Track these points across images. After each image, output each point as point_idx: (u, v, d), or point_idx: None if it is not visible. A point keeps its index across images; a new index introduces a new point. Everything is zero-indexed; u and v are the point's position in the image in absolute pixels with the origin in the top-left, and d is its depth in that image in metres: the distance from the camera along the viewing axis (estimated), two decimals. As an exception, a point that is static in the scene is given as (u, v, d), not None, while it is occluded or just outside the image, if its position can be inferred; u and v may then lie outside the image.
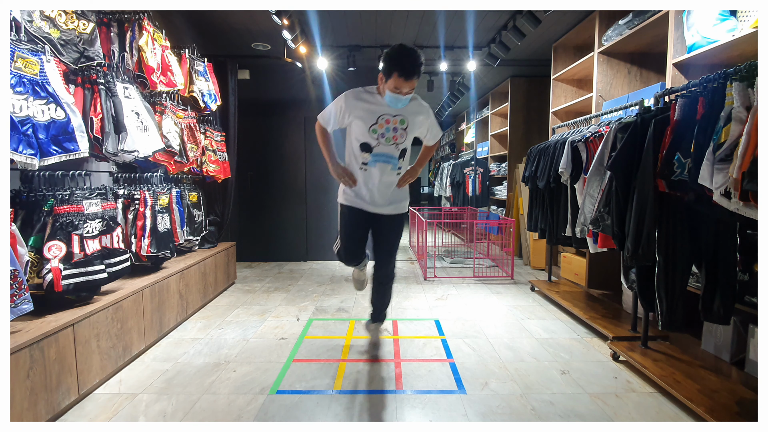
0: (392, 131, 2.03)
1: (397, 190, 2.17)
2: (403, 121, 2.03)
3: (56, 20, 1.91)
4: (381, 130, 2.01)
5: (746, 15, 2.02)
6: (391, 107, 1.99)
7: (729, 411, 1.63)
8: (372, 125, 2.01)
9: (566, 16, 3.51)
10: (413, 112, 2.05)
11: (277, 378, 2.07)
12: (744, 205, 1.42)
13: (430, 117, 2.13)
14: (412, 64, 1.83)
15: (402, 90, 1.88)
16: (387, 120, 2.01)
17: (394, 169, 2.10)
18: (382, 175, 2.09)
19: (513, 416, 1.74)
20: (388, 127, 2.02)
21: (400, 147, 2.07)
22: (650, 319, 2.29)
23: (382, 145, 2.04)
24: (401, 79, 1.84)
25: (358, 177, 2.12)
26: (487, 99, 6.41)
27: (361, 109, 2.01)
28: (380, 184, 2.10)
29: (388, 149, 2.05)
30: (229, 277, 3.81)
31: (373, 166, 2.07)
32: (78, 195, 1.98)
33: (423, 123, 2.11)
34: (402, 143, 2.07)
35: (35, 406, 1.57)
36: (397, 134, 2.04)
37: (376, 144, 2.03)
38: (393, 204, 2.18)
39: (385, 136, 2.02)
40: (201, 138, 3.26)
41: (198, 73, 3.19)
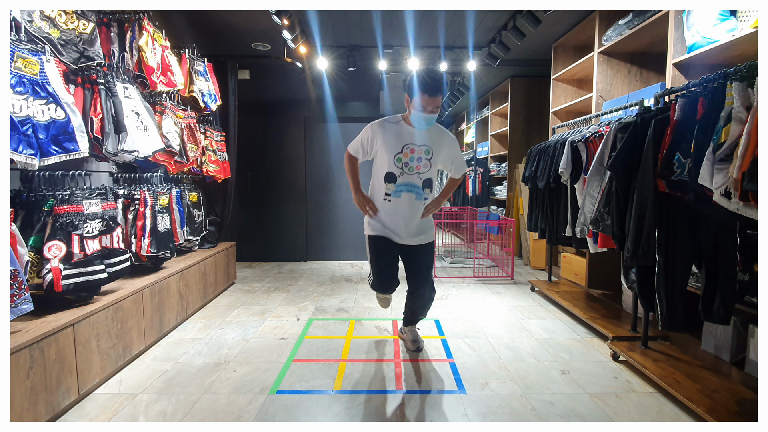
0: (416, 161, 2.04)
1: (422, 220, 2.15)
2: (428, 151, 2.05)
3: (56, 20, 1.91)
4: (405, 159, 2.03)
5: (746, 15, 2.02)
6: (417, 130, 2.03)
7: (729, 411, 1.63)
8: (397, 154, 2.03)
9: (566, 16, 3.51)
10: (438, 142, 2.07)
11: (277, 378, 2.07)
12: (744, 205, 1.42)
13: (454, 149, 2.14)
14: (436, 81, 1.90)
15: (427, 108, 1.92)
16: (412, 149, 2.03)
17: (419, 199, 2.09)
18: (408, 206, 2.08)
19: (513, 416, 1.74)
20: (413, 156, 2.03)
21: (423, 177, 2.07)
22: (650, 319, 2.29)
23: (406, 174, 2.05)
24: (425, 95, 1.89)
25: (382, 208, 2.12)
26: (487, 99, 6.41)
27: (387, 138, 2.05)
28: (405, 215, 2.09)
29: (411, 179, 2.05)
30: (229, 277, 3.81)
31: (398, 197, 2.07)
32: (78, 195, 1.98)
33: (447, 154, 2.12)
34: (425, 173, 2.07)
35: (35, 406, 1.57)
36: (421, 164, 2.04)
37: (400, 174, 2.04)
38: (421, 235, 2.16)
39: (409, 165, 2.04)
40: (201, 138, 3.26)
41: (198, 73, 3.19)
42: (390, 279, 2.19)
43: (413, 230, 2.13)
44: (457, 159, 2.18)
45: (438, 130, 2.10)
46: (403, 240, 2.13)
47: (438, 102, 1.94)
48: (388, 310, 3.13)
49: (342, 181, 5.01)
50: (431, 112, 1.94)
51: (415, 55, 4.36)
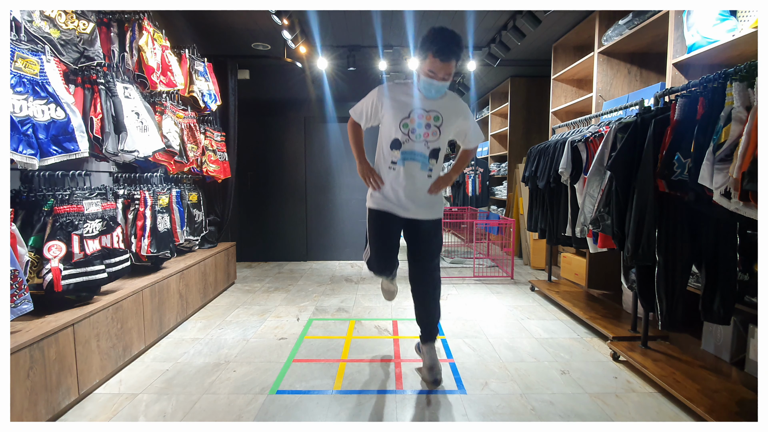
0: (424, 127, 1.86)
1: (430, 195, 1.97)
2: (438, 117, 1.86)
3: (56, 20, 1.91)
4: (412, 125, 1.86)
5: (746, 15, 2.02)
6: (426, 97, 1.85)
7: (729, 411, 1.63)
8: (403, 119, 1.86)
9: (566, 16, 3.50)
10: (450, 109, 1.89)
11: (277, 378, 2.07)
12: (744, 205, 1.42)
13: (469, 118, 1.98)
14: (449, 43, 1.68)
15: (437, 74, 1.73)
16: (420, 115, 1.86)
17: (425, 170, 1.91)
18: (412, 176, 1.91)
19: (513, 416, 1.74)
20: (420, 122, 1.85)
21: (431, 146, 1.89)
22: (650, 319, 2.29)
23: (412, 141, 1.87)
24: (437, 59, 1.69)
25: (386, 178, 1.94)
26: (487, 99, 6.41)
27: (394, 101, 1.88)
28: (409, 186, 1.91)
29: (418, 147, 1.88)
30: (229, 277, 3.81)
31: (402, 165, 1.90)
32: (78, 195, 1.98)
33: (461, 124, 1.96)
34: (434, 142, 1.89)
35: (35, 406, 1.57)
36: (429, 131, 1.87)
37: (406, 140, 1.87)
38: (426, 207, 1.96)
39: (416, 132, 1.86)
40: (201, 138, 3.26)
41: (198, 73, 3.19)
42: (389, 255, 2.03)
43: (419, 202, 1.94)
44: (471, 128, 2.00)
45: (450, 96, 1.92)
46: (408, 213, 1.94)
47: (450, 68, 1.73)
48: (388, 310, 3.13)
49: (342, 181, 5.01)
50: (442, 79, 1.75)
51: (415, 55, 4.36)
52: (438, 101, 1.87)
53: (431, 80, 1.76)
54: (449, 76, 1.76)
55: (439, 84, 1.77)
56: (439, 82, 1.76)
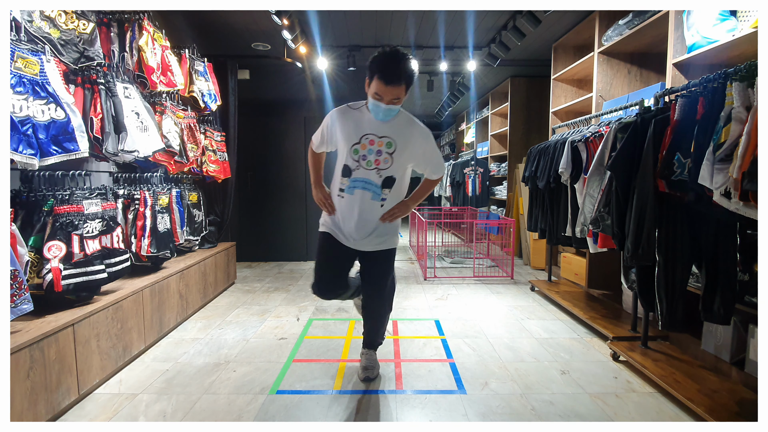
0: (375, 154, 1.76)
1: (380, 224, 1.86)
2: (391, 144, 1.76)
3: (56, 20, 1.91)
4: (363, 151, 1.77)
5: (746, 15, 2.02)
6: (375, 120, 1.76)
7: (729, 411, 1.63)
8: (354, 144, 1.77)
9: (566, 16, 3.50)
10: (405, 135, 1.78)
11: (277, 378, 2.07)
12: (744, 205, 1.42)
13: (428, 145, 1.84)
14: (396, 67, 1.59)
15: (383, 98, 1.65)
16: (371, 141, 1.76)
17: (376, 200, 1.80)
18: (361, 206, 1.80)
19: (513, 416, 1.74)
20: (372, 149, 1.76)
21: (383, 174, 1.78)
22: (650, 319, 2.29)
23: (363, 169, 1.78)
24: (381, 83, 1.61)
25: (336, 205, 1.89)
26: (487, 99, 6.41)
27: (346, 127, 1.80)
28: (358, 217, 1.81)
29: (367, 174, 1.78)
30: (229, 277, 3.81)
31: (351, 194, 1.81)
32: (78, 195, 1.98)
33: (417, 151, 1.82)
34: (385, 170, 1.78)
35: (35, 406, 1.57)
36: (380, 158, 1.76)
37: (356, 167, 1.78)
38: (375, 239, 1.86)
39: (367, 159, 1.77)
40: (201, 138, 3.26)
41: (198, 73, 3.19)
42: (330, 280, 1.94)
43: (365, 233, 1.85)
44: (431, 156, 1.87)
45: (406, 121, 1.81)
46: (352, 243, 1.87)
47: (398, 93, 1.63)
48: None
49: (342, 181, 5.00)
50: (390, 103, 1.66)
51: (415, 55, 4.36)
52: (392, 126, 1.77)
53: (378, 103, 1.68)
54: (398, 101, 1.67)
55: (386, 108, 1.68)
56: (386, 106, 1.67)
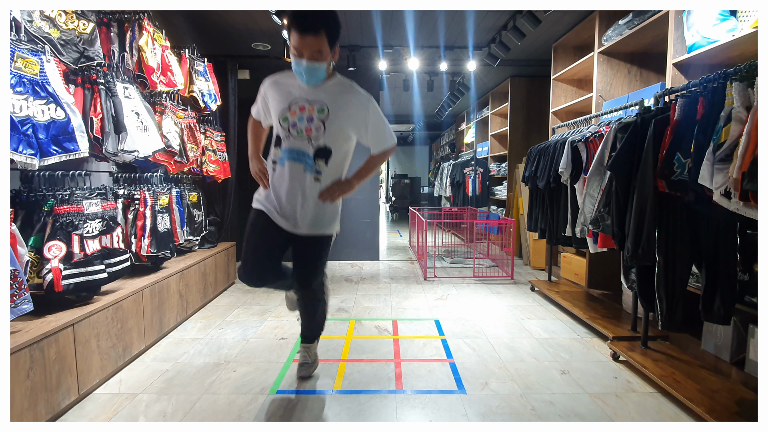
0: (306, 121, 1.60)
1: (321, 205, 1.70)
2: (322, 109, 1.60)
3: (56, 20, 1.91)
4: (293, 118, 1.61)
5: (746, 15, 2.02)
6: (308, 86, 1.61)
7: (729, 411, 1.63)
8: (283, 110, 1.63)
9: (566, 16, 3.50)
10: (340, 100, 1.62)
11: (277, 378, 2.07)
12: (744, 205, 1.42)
13: (369, 110, 1.65)
14: (311, 13, 1.47)
15: (302, 52, 1.49)
16: (302, 107, 1.61)
17: (309, 172, 1.65)
18: (292, 178, 1.65)
19: (513, 416, 1.74)
20: (302, 115, 1.61)
21: (315, 144, 1.62)
22: (650, 319, 2.29)
23: (293, 138, 1.62)
24: (296, 34, 1.46)
25: (270, 178, 1.72)
26: (487, 99, 6.41)
27: (277, 92, 1.65)
28: (289, 190, 1.67)
29: (299, 144, 1.62)
30: (229, 277, 3.81)
31: (282, 165, 1.66)
32: (78, 195, 1.98)
33: (356, 117, 1.64)
34: (318, 138, 1.62)
35: (35, 406, 1.57)
36: (312, 126, 1.60)
37: (286, 136, 1.63)
38: (310, 222, 1.71)
39: (297, 126, 1.61)
40: (201, 138, 3.26)
41: (198, 73, 3.19)
42: (256, 265, 1.74)
43: (301, 212, 1.69)
44: (374, 125, 1.66)
45: (343, 84, 1.66)
46: (288, 225, 1.71)
47: (317, 45, 1.48)
48: (388, 310, 3.13)
49: (342, 181, 5.00)
50: (310, 58, 1.50)
51: (415, 55, 4.36)
52: (326, 90, 1.63)
53: (299, 61, 1.51)
54: (320, 55, 1.50)
55: (308, 65, 1.51)
56: (307, 62, 1.51)
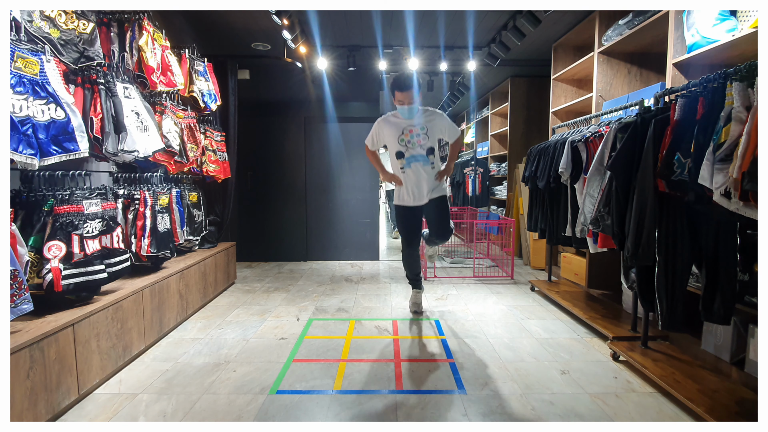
0: (416, 137, 2.67)
1: (436, 182, 2.75)
2: (423, 127, 2.67)
3: (56, 20, 1.91)
4: (407, 138, 2.67)
5: (746, 15, 2.02)
6: (407, 119, 2.64)
7: (729, 411, 1.63)
8: (399, 136, 2.68)
9: (566, 16, 3.50)
10: (429, 119, 2.69)
11: (277, 378, 2.07)
12: (744, 205, 1.42)
13: (444, 120, 2.74)
14: (404, 81, 2.51)
15: (404, 101, 2.55)
16: (411, 130, 2.66)
17: (427, 164, 2.70)
18: (420, 171, 2.69)
19: (513, 416, 1.74)
20: (413, 134, 2.66)
21: (425, 147, 2.68)
22: (650, 319, 2.29)
23: (411, 149, 2.68)
24: (399, 92, 2.54)
25: (402, 178, 2.74)
26: (487, 99, 6.41)
27: (390, 128, 2.70)
28: (418, 179, 2.70)
29: (416, 151, 2.68)
30: (229, 277, 3.81)
31: (409, 167, 2.70)
32: (78, 195, 1.98)
33: (441, 126, 2.72)
34: (426, 144, 2.68)
35: (35, 406, 1.57)
36: (420, 138, 2.67)
37: (406, 150, 2.68)
38: (432, 193, 2.75)
39: (411, 142, 2.67)
40: (201, 138, 3.26)
41: (198, 73, 3.19)
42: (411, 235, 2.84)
43: (427, 190, 2.73)
44: (448, 127, 2.75)
45: (427, 112, 2.70)
46: (419, 201, 2.73)
47: (408, 96, 2.53)
48: (388, 310, 3.13)
49: (342, 181, 5.02)
50: (409, 103, 2.56)
51: (415, 55, 4.36)
52: (419, 117, 2.66)
53: (403, 107, 2.60)
54: (411, 100, 2.55)
55: (408, 107, 2.58)
56: (408, 106, 2.57)
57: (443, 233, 2.88)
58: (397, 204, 2.82)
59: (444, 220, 2.83)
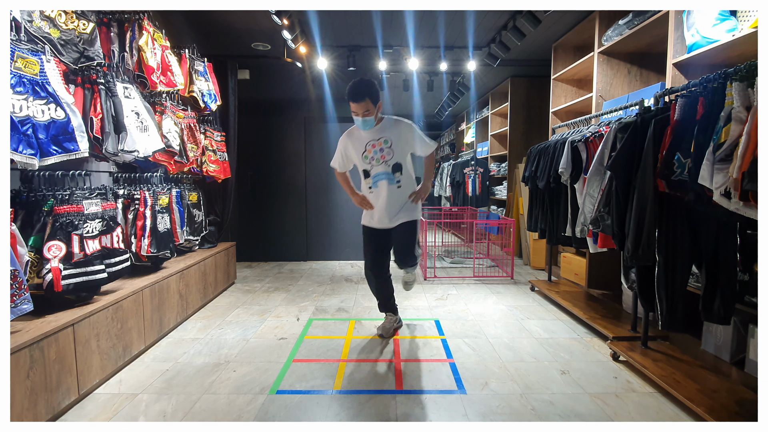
0: (379, 152, 2.35)
1: (410, 203, 2.43)
2: (387, 141, 2.35)
3: (56, 20, 1.91)
4: (370, 155, 2.36)
5: (746, 15, 2.02)
6: (365, 131, 2.34)
7: (729, 411, 1.63)
8: (363, 153, 2.37)
9: (566, 16, 3.50)
10: (395, 131, 2.36)
11: (277, 378, 2.07)
12: (744, 205, 1.42)
13: (413, 132, 2.40)
14: (356, 89, 2.21)
15: (357, 113, 2.24)
16: (373, 145, 2.35)
17: (393, 183, 2.37)
18: (386, 191, 2.37)
19: (513, 416, 1.74)
20: (375, 150, 2.35)
21: (390, 163, 2.35)
22: (650, 319, 2.29)
23: (375, 166, 2.37)
24: (351, 102, 2.24)
25: (371, 200, 2.45)
26: (487, 99, 6.40)
27: (353, 144, 2.40)
28: (387, 200, 2.38)
29: (380, 168, 2.36)
30: (229, 277, 3.81)
31: (376, 186, 2.40)
32: (78, 195, 1.98)
33: (408, 139, 2.38)
34: (391, 159, 2.35)
35: (35, 406, 1.57)
36: (384, 153, 2.35)
37: (371, 167, 2.38)
38: (402, 215, 2.40)
39: (375, 158, 2.36)
40: (201, 138, 3.26)
41: (198, 73, 3.19)
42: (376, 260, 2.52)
43: (394, 212, 2.40)
44: (420, 140, 2.41)
45: (391, 122, 2.38)
46: (387, 224, 2.42)
47: (365, 106, 2.21)
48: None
49: (342, 181, 5.02)
50: (364, 115, 2.24)
51: (415, 55, 4.36)
52: (382, 129, 2.35)
53: (356, 119, 2.28)
54: (368, 113, 2.24)
55: (364, 119, 2.26)
56: (362, 118, 2.25)
57: (404, 259, 2.47)
58: (363, 224, 2.52)
59: (407, 245, 2.44)
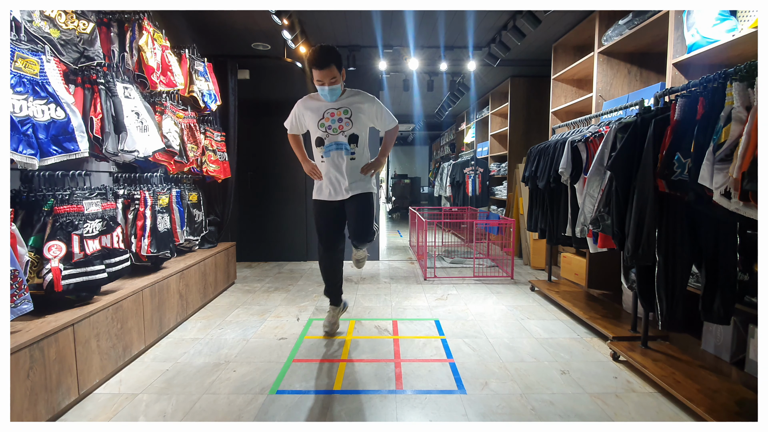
0: (338, 122, 2.29)
1: (361, 176, 2.38)
2: (347, 111, 2.29)
3: (56, 20, 1.91)
4: (327, 123, 2.30)
5: (746, 15, 2.02)
6: (329, 101, 2.28)
7: (729, 411, 1.63)
8: (320, 120, 2.30)
9: (566, 16, 3.50)
10: (356, 102, 2.32)
11: (277, 378, 2.07)
12: (744, 205, 1.42)
13: (375, 105, 2.36)
14: (321, 55, 2.12)
15: (323, 81, 2.16)
16: (332, 113, 2.29)
17: (347, 154, 2.32)
18: (338, 161, 2.32)
19: (513, 416, 1.74)
20: (333, 119, 2.29)
21: (347, 133, 2.31)
22: (650, 319, 2.29)
23: (331, 135, 2.31)
24: (316, 70, 2.13)
25: (322, 170, 2.39)
26: (487, 99, 6.40)
27: (310, 110, 2.33)
28: (337, 170, 2.33)
29: (336, 138, 2.31)
30: (229, 277, 3.81)
31: (328, 156, 2.33)
32: (78, 195, 1.98)
33: (369, 111, 2.34)
34: (349, 130, 2.30)
35: (35, 406, 1.57)
36: (342, 123, 2.30)
37: (326, 136, 2.31)
38: (354, 186, 2.35)
39: (332, 127, 2.30)
40: (201, 138, 3.26)
41: (198, 73, 3.19)
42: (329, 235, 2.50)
43: (346, 183, 2.35)
44: (381, 114, 2.38)
45: (353, 93, 2.34)
46: (339, 196, 2.37)
47: (330, 73, 2.14)
48: (388, 310, 3.13)
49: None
50: (330, 84, 2.17)
51: (415, 55, 4.36)
52: (343, 99, 2.30)
53: (322, 87, 2.20)
54: (335, 80, 2.17)
55: (332, 88, 2.20)
56: (328, 86, 2.18)
57: (362, 234, 2.42)
58: (314, 198, 2.48)
59: (364, 218, 2.40)
